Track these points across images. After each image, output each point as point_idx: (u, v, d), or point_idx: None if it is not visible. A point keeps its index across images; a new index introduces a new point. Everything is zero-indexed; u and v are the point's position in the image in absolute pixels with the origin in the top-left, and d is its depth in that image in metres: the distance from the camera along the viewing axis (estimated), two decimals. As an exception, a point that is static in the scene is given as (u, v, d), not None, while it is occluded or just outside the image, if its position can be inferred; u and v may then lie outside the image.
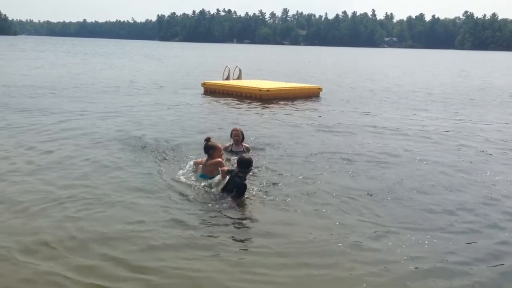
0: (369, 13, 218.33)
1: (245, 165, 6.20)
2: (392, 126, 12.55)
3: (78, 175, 7.16)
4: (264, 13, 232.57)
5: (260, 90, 17.60)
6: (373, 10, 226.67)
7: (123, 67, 34.46)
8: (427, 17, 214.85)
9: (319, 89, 19.63)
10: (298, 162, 8.27)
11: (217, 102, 16.89)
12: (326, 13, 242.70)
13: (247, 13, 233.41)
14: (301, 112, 14.95)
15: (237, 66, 22.27)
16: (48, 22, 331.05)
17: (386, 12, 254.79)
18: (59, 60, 40.37)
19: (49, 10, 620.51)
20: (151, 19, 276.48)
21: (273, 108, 15.43)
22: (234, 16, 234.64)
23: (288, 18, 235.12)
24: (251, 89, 18.04)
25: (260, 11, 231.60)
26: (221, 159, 6.86)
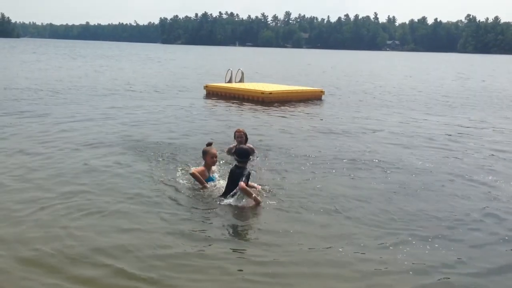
0: (372, 16, 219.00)
1: (242, 155, 6.29)
2: (394, 129, 12.44)
3: (75, 180, 7.01)
4: (267, 16, 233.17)
5: (262, 93, 17.54)
6: (376, 13, 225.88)
7: (124, 70, 34.47)
8: (430, 20, 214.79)
9: (322, 92, 19.55)
10: (299, 165, 8.17)
11: (220, 104, 16.83)
12: (328, 16, 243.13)
13: (249, 16, 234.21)
14: (303, 115, 14.87)
15: (239, 69, 22.21)
16: (51, 24, 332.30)
17: (389, 15, 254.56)
18: (60, 63, 40.44)
19: (52, 13, 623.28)
20: (153, 22, 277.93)
21: (275, 111, 15.34)
22: (236, 19, 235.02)
23: (290, 21, 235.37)
24: (253, 92, 17.98)
25: (263, 14, 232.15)
26: (208, 166, 6.84)
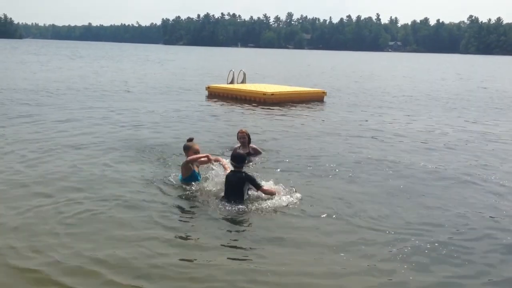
0: (374, 17, 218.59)
1: (239, 159, 6.33)
2: (396, 131, 12.48)
3: (69, 183, 6.90)
4: (269, 17, 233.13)
5: (264, 94, 17.58)
6: (378, 14, 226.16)
7: (125, 71, 34.50)
8: (432, 21, 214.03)
9: (324, 93, 19.58)
10: (301, 166, 8.20)
11: (222, 106, 16.87)
12: (330, 17, 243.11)
13: (251, 17, 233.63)
14: (305, 116, 14.91)
15: (241, 70, 22.25)
16: (53, 25, 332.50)
17: (391, 16, 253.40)
18: (61, 64, 40.51)
19: (55, 14, 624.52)
20: (155, 23, 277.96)
21: (277, 112, 15.38)
22: (238, 20, 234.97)
23: (292, 22, 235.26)
24: (255, 93, 18.02)
25: (265, 15, 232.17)
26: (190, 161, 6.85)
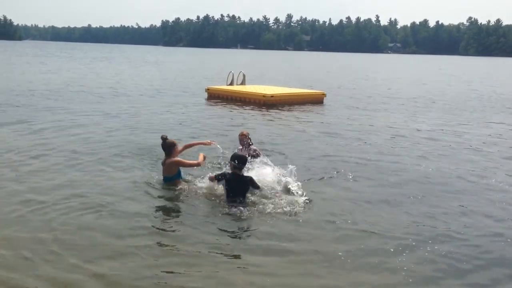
0: (373, 18, 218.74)
1: (243, 160, 6.39)
2: (396, 132, 12.48)
3: (66, 184, 6.94)
4: (268, 19, 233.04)
5: (264, 95, 17.58)
6: (377, 16, 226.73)
7: (124, 73, 34.49)
8: (431, 23, 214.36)
9: (323, 95, 19.58)
10: (302, 168, 8.14)
11: (221, 107, 16.87)
12: (330, 18, 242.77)
13: (251, 18, 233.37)
14: (305, 117, 14.90)
15: (241, 71, 22.26)
16: (53, 27, 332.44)
17: (390, 18, 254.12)
18: (60, 65, 40.50)
19: (54, 15, 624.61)
20: (155, 25, 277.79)
21: (277, 114, 15.38)
22: (238, 21, 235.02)
23: (292, 24, 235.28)
24: (255, 94, 18.02)
25: (264, 17, 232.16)
26: (178, 158, 6.79)
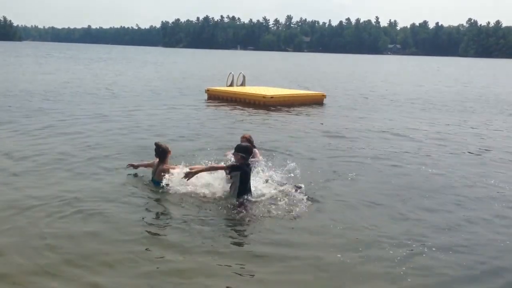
0: (373, 20, 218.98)
1: (250, 151, 6.48)
2: (396, 132, 12.49)
3: (59, 184, 6.89)
4: (268, 20, 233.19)
5: (264, 96, 17.58)
6: (377, 17, 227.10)
7: (124, 73, 34.50)
8: (431, 24, 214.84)
9: (323, 96, 19.58)
10: (301, 169, 8.11)
11: (221, 108, 16.85)
12: (329, 20, 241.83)
13: (251, 19, 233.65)
14: (305, 118, 14.90)
15: (241, 72, 22.26)
16: (52, 28, 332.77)
17: (390, 19, 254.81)
18: (60, 66, 40.51)
19: (54, 16, 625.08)
20: (155, 26, 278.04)
21: (277, 115, 15.38)
22: (238, 22, 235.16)
23: (292, 25, 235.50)
24: (255, 95, 18.02)
25: (264, 18, 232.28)
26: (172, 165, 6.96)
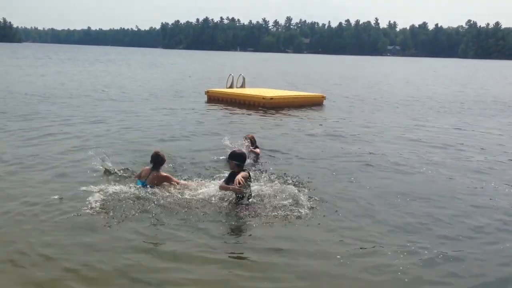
0: (373, 21, 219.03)
1: (242, 158, 6.52)
2: (395, 134, 12.51)
3: (47, 187, 6.83)
4: (268, 21, 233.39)
5: (263, 98, 17.62)
6: (376, 19, 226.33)
7: (123, 75, 34.50)
8: (430, 26, 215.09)
9: (323, 97, 19.63)
10: (301, 170, 8.19)
11: (221, 110, 16.88)
12: (329, 21, 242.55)
13: (250, 21, 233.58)
14: (304, 120, 14.94)
15: (240, 74, 22.30)
16: (52, 29, 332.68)
17: (389, 21, 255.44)
18: (60, 68, 40.51)
19: (54, 18, 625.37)
20: (155, 27, 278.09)
21: (276, 116, 15.41)
22: (237, 24, 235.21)
23: (291, 26, 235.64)
24: (254, 97, 18.06)
25: (264, 19, 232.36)
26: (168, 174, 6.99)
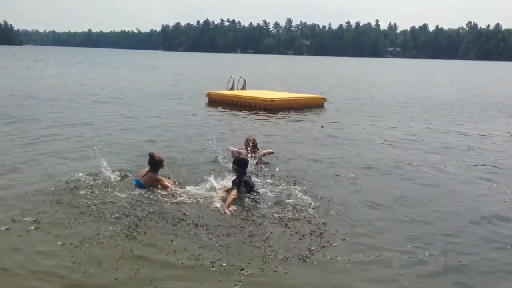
0: (373, 23, 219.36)
1: (244, 164, 6.65)
2: (396, 136, 12.50)
3: (37, 192, 6.65)
4: (268, 23, 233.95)
5: (264, 100, 17.62)
6: (377, 21, 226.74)
7: (123, 77, 34.51)
8: (431, 27, 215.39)
9: (324, 99, 19.63)
10: (301, 173, 8.17)
11: (222, 112, 16.89)
12: (329, 23, 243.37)
13: (251, 23, 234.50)
14: (305, 122, 14.93)
15: (241, 76, 22.30)
16: (53, 32, 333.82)
17: (390, 23, 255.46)
18: (61, 70, 40.56)
19: (55, 20, 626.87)
20: (155, 29, 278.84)
21: (277, 119, 15.41)
22: (238, 26, 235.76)
23: (292, 28, 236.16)
24: (255, 99, 18.06)
25: (264, 21, 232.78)
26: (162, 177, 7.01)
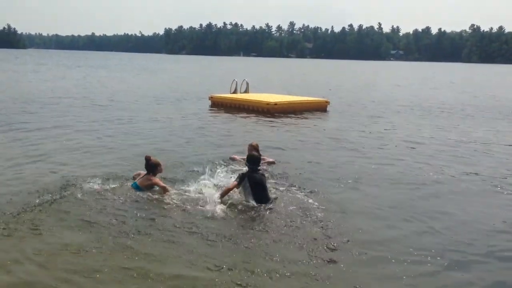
0: (375, 26, 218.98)
1: (254, 160, 6.72)
2: (400, 139, 12.48)
3: (35, 194, 6.69)
4: (271, 26, 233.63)
5: (267, 103, 17.61)
6: (379, 24, 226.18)
7: (127, 81, 34.66)
8: (434, 30, 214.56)
9: (327, 103, 19.60)
10: (305, 177, 8.15)
11: (225, 115, 16.89)
12: (332, 26, 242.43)
13: (253, 26, 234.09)
14: (308, 125, 14.91)
15: (244, 79, 22.32)
16: (57, 35, 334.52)
17: (393, 25, 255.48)
18: (63, 74, 40.68)
19: (58, 24, 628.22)
20: (158, 33, 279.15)
21: (280, 122, 15.40)
22: (240, 29, 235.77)
23: (294, 31, 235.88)
24: (258, 102, 18.05)
25: (267, 24, 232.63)
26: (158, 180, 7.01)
